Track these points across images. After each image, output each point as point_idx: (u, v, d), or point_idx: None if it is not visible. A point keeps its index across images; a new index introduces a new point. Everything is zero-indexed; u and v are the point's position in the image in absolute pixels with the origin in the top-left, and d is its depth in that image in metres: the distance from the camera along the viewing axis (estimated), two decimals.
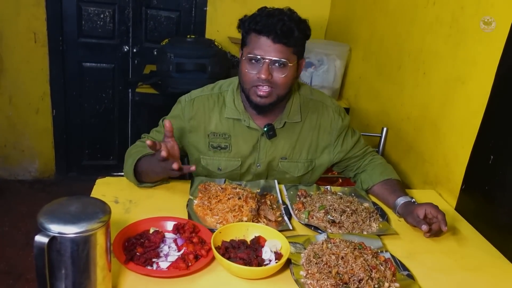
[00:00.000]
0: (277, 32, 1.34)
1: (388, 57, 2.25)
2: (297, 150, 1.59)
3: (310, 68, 2.72)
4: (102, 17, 3.14)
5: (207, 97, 1.56)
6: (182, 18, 3.22)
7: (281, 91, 1.43)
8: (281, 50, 1.37)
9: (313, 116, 1.59)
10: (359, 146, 1.67)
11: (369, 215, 1.43)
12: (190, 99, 1.56)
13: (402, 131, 2.06)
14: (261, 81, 1.39)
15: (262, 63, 1.38)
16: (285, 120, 1.55)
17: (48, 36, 3.05)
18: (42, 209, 0.86)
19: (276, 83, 1.40)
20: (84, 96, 3.30)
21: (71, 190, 3.26)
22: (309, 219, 1.40)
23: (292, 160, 1.60)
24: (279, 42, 1.36)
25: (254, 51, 1.38)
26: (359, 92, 2.62)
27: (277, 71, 1.39)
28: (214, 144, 1.56)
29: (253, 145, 1.57)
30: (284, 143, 1.58)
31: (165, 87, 2.50)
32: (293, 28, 1.35)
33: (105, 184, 1.49)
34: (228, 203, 1.35)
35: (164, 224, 1.25)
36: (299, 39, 1.40)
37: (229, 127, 1.55)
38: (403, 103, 2.07)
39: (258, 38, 1.38)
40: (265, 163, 1.59)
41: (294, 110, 1.56)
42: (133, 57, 3.28)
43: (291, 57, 1.39)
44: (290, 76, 1.42)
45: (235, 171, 1.60)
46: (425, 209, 1.38)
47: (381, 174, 1.60)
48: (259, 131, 1.55)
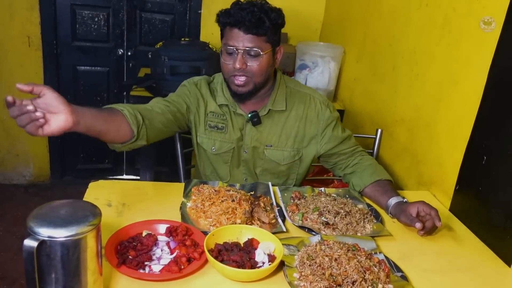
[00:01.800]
0: (246, 23, 1.43)
1: (382, 59, 2.25)
2: (283, 139, 1.64)
3: (305, 70, 2.72)
4: (96, 20, 3.14)
5: (207, 81, 1.66)
6: (176, 21, 3.22)
7: (257, 78, 1.50)
8: (252, 40, 1.45)
9: (300, 106, 1.63)
10: (348, 143, 1.69)
11: (363, 216, 1.42)
12: (194, 82, 1.65)
13: (396, 133, 2.06)
14: (237, 70, 1.48)
15: (236, 54, 1.47)
16: (269, 108, 1.61)
17: (42, 40, 3.03)
18: (32, 213, 0.86)
19: (251, 71, 1.48)
20: (79, 99, 3.28)
21: (66, 194, 3.24)
22: (303, 221, 1.40)
23: (277, 148, 1.65)
24: (250, 32, 1.44)
25: (228, 43, 1.48)
26: (353, 94, 2.62)
27: (251, 60, 1.47)
28: (212, 124, 1.63)
29: (240, 130, 1.63)
30: (269, 131, 1.63)
31: (160, 90, 2.50)
32: (262, 18, 1.44)
33: (98, 188, 1.48)
34: (222, 205, 1.35)
35: (157, 227, 1.25)
36: (271, 28, 1.46)
37: (225, 111, 1.63)
38: (397, 104, 2.08)
39: (231, 30, 1.47)
40: (251, 149, 1.64)
41: (279, 99, 1.61)
42: (128, 60, 3.27)
43: (263, 46, 1.47)
44: (264, 64, 1.49)
45: (227, 153, 1.66)
46: (418, 207, 1.40)
47: (371, 175, 1.60)
48: (244, 117, 1.61)
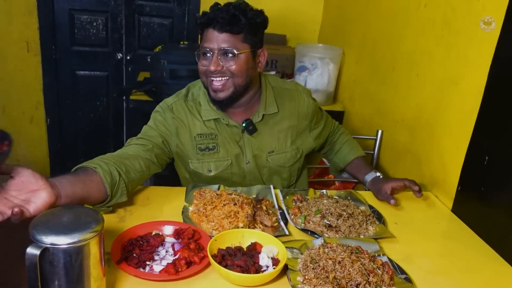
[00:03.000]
0: (219, 20, 1.36)
1: (382, 60, 2.25)
2: (282, 141, 1.62)
3: (304, 72, 2.72)
4: (94, 25, 3.14)
5: (183, 102, 1.55)
6: (175, 24, 3.22)
7: (238, 80, 1.43)
8: (227, 39, 1.39)
9: (291, 104, 1.62)
10: (331, 124, 1.79)
11: (365, 218, 1.42)
12: (168, 106, 1.54)
13: (397, 133, 2.06)
14: (213, 73, 1.41)
15: (211, 55, 1.40)
16: (262, 113, 1.57)
17: (40, 45, 3.04)
18: (34, 220, 0.85)
19: (229, 72, 1.42)
20: (78, 104, 3.29)
21: None
22: (306, 224, 1.40)
23: (279, 152, 1.62)
24: (224, 30, 1.38)
25: (203, 44, 1.42)
26: (353, 95, 2.62)
27: (226, 60, 1.41)
28: (202, 146, 1.55)
29: (237, 142, 1.57)
30: (267, 137, 1.60)
31: (159, 93, 2.49)
32: (237, 15, 1.38)
33: None
34: (224, 209, 1.34)
35: (166, 228, 1.25)
36: (248, 26, 1.40)
37: (214, 128, 1.55)
38: (397, 105, 2.07)
39: (206, 31, 1.41)
40: (253, 159, 1.60)
41: (269, 102, 1.58)
42: (127, 64, 3.27)
43: (239, 46, 1.41)
44: (242, 65, 1.42)
45: (226, 171, 1.59)
46: (392, 185, 1.54)
47: (347, 154, 1.76)
48: (239, 128, 1.56)
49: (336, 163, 1.81)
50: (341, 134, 1.82)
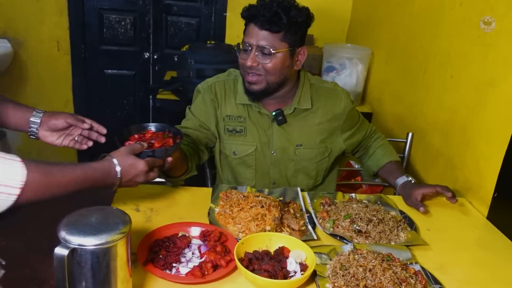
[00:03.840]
0: (260, 18, 1.38)
1: (413, 60, 2.19)
2: (312, 137, 1.61)
3: (332, 73, 2.67)
4: (123, 24, 3.17)
5: (223, 82, 1.61)
6: (202, 24, 3.22)
7: (270, 77, 1.46)
8: (266, 37, 1.41)
9: (327, 102, 1.60)
10: (366, 127, 1.74)
11: (396, 224, 1.37)
12: (208, 86, 1.60)
13: (429, 136, 1.99)
14: (249, 68, 1.44)
15: (250, 51, 1.43)
16: (295, 106, 1.57)
17: (70, 44, 3.08)
18: (63, 221, 0.85)
19: (264, 70, 1.44)
20: (106, 103, 3.32)
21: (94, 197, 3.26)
22: (334, 229, 1.36)
23: (307, 147, 1.62)
24: (263, 28, 1.40)
25: (244, 39, 1.45)
26: (382, 96, 2.56)
27: (263, 58, 1.43)
28: (230, 128, 1.59)
29: (265, 131, 1.59)
30: (297, 130, 1.60)
31: (186, 93, 2.49)
32: (279, 14, 1.37)
33: (125, 192, 1.47)
34: (251, 211, 1.32)
35: (193, 229, 1.24)
36: (288, 26, 1.40)
37: (244, 111, 1.58)
38: (429, 107, 2.01)
39: (249, 26, 1.44)
40: (280, 150, 1.61)
41: (304, 97, 1.58)
42: (154, 63, 3.29)
43: (277, 44, 1.41)
44: (277, 64, 1.43)
45: (250, 156, 1.62)
46: (423, 191, 1.50)
47: (381, 158, 1.71)
48: (269, 116, 1.57)
49: (369, 166, 1.77)
50: (376, 139, 1.77)
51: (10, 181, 0.80)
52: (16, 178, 0.81)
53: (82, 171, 0.98)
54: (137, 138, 1.33)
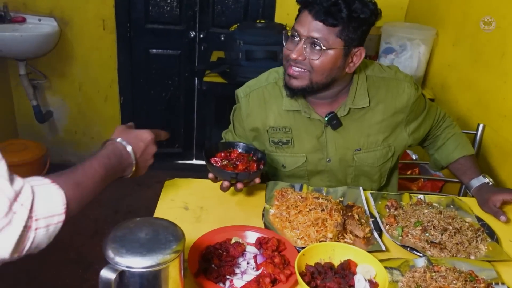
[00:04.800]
0: (316, 6, 1.18)
1: (487, 43, 1.95)
2: (372, 138, 1.41)
3: (391, 55, 2.46)
4: (169, 2, 3.05)
5: (262, 89, 1.43)
6: (250, 1, 3.05)
7: (316, 77, 1.26)
8: (319, 29, 1.20)
9: (388, 95, 1.38)
10: (434, 115, 1.54)
11: (475, 234, 1.21)
12: (245, 95, 1.44)
13: (504, 130, 1.78)
14: (293, 60, 1.25)
15: (298, 41, 1.24)
16: (349, 107, 1.36)
17: (116, 23, 3.00)
18: (109, 236, 0.75)
19: (310, 66, 1.25)
20: (151, 83, 3.25)
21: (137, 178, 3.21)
22: (403, 237, 1.21)
23: (368, 150, 1.42)
24: (319, 18, 1.19)
25: (295, 26, 1.25)
26: (447, 81, 2.33)
27: (311, 52, 1.23)
28: (275, 140, 1.43)
29: (318, 138, 1.41)
30: (354, 133, 1.40)
31: (234, 76, 2.36)
32: (339, 5, 1.17)
33: (173, 187, 1.38)
34: (310, 215, 1.19)
35: (248, 234, 1.14)
36: (348, 21, 1.19)
37: (289, 120, 1.40)
38: (505, 97, 1.79)
39: (302, 12, 1.24)
40: (337, 157, 1.43)
41: (360, 94, 1.37)
42: (200, 43, 3.16)
43: (332, 40, 1.21)
44: (327, 62, 1.23)
45: (301, 168, 1.45)
46: (503, 197, 1.32)
47: (452, 152, 1.52)
48: (322, 122, 1.38)
49: (437, 160, 1.57)
50: (446, 127, 1.56)
51: (54, 209, 0.71)
52: (58, 203, 0.72)
53: (99, 164, 0.88)
54: (223, 156, 1.30)
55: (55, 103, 3.18)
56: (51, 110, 3.19)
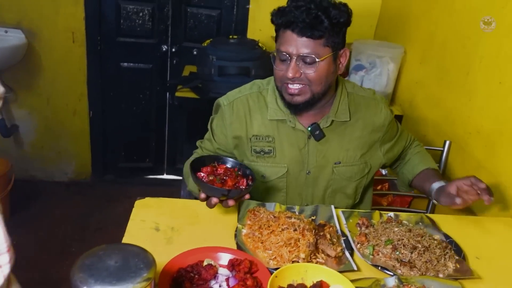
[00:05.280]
0: (299, 24, 1.22)
1: (453, 62, 2.02)
2: (351, 152, 1.44)
3: (361, 72, 2.51)
4: (141, 15, 3.03)
5: (246, 97, 1.44)
6: (223, 16, 3.06)
7: (315, 87, 1.30)
8: (307, 44, 1.24)
9: (366, 113, 1.44)
10: (405, 138, 1.60)
11: (443, 252, 1.23)
12: (229, 103, 1.44)
13: (470, 146, 1.83)
14: (290, 79, 1.28)
15: (289, 61, 1.27)
16: (332, 119, 1.40)
17: (86, 36, 2.95)
18: (77, 263, 0.72)
19: (308, 80, 1.29)
20: (121, 97, 3.20)
21: (107, 193, 3.18)
22: (374, 256, 1.22)
23: (347, 164, 1.45)
24: (304, 35, 1.24)
25: (280, 47, 1.28)
26: (415, 98, 2.39)
27: (305, 67, 1.27)
28: (257, 149, 1.43)
29: (300, 149, 1.42)
30: (335, 145, 1.43)
31: (206, 91, 2.36)
32: (319, 17, 1.22)
33: (144, 207, 1.36)
34: (282, 235, 1.19)
35: (220, 256, 1.12)
36: (330, 29, 1.24)
37: (273, 130, 1.42)
38: (471, 114, 1.85)
39: (284, 32, 1.27)
40: (317, 169, 1.44)
41: (342, 108, 1.41)
42: (172, 57, 3.15)
43: (321, 51, 1.25)
44: (323, 72, 1.28)
45: (281, 179, 1.45)
46: (456, 183, 1.33)
47: (417, 164, 1.56)
48: (305, 133, 1.40)
49: (404, 175, 1.59)
50: (415, 147, 1.63)
51: None
52: None
53: None
54: (209, 171, 1.26)
55: (21, 117, 3.08)
56: (16, 124, 3.09)
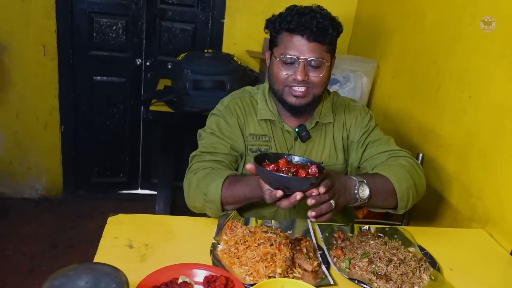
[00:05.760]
0: (312, 30, 1.29)
1: (425, 77, 2.06)
2: (333, 152, 1.50)
3: (336, 86, 2.54)
4: (114, 29, 3.00)
5: (239, 99, 1.50)
6: (198, 30, 3.07)
7: (317, 90, 1.37)
8: (316, 49, 1.32)
9: (348, 116, 1.52)
10: (384, 146, 1.49)
11: (418, 264, 1.24)
12: (225, 106, 1.48)
13: (442, 159, 1.87)
14: (297, 82, 1.34)
15: (297, 64, 1.33)
16: (316, 120, 1.47)
17: (58, 49, 2.90)
18: (46, 284, 0.69)
19: (312, 83, 1.35)
20: (94, 111, 3.15)
21: (79, 209, 3.10)
22: (351, 269, 1.22)
23: (330, 164, 1.48)
24: (314, 40, 1.31)
25: (287, 51, 1.33)
26: (388, 112, 2.43)
27: (313, 71, 1.34)
28: (254, 148, 1.46)
29: (288, 150, 1.47)
30: (319, 146, 1.48)
31: (181, 105, 2.34)
32: (327, 26, 1.31)
33: (117, 223, 1.32)
34: (259, 250, 1.17)
35: (195, 273, 1.09)
36: (333, 37, 1.35)
37: (268, 129, 1.46)
38: (442, 128, 1.89)
39: (291, 37, 1.33)
40: None
41: (325, 111, 1.49)
42: (146, 70, 3.12)
43: (326, 56, 1.34)
44: (326, 76, 1.37)
45: None
46: None
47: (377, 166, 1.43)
48: (292, 134, 1.46)
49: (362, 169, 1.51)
50: (396, 159, 1.46)
51: None
52: None
53: None
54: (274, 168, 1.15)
55: None
56: None
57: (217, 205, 1.29)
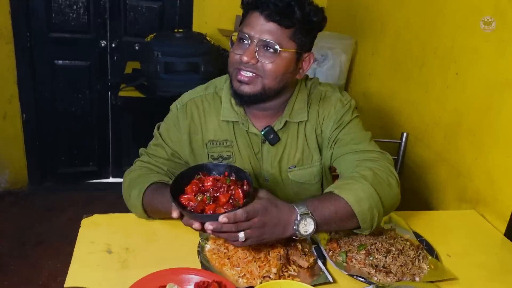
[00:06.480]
0: (270, 6, 1.13)
1: (407, 53, 2.00)
2: (307, 153, 1.32)
3: (313, 64, 2.44)
4: (74, 8, 2.79)
5: (201, 99, 1.32)
6: (165, 8, 2.90)
7: (269, 81, 1.18)
8: (273, 30, 1.14)
9: (315, 109, 1.30)
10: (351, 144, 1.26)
11: (416, 253, 1.19)
12: (182, 105, 1.32)
13: (428, 138, 1.82)
14: (244, 64, 1.16)
15: (249, 43, 1.16)
16: (286, 119, 1.28)
17: (13, 32, 2.68)
18: None
19: (262, 70, 1.17)
20: (58, 98, 2.96)
21: (47, 202, 2.93)
22: (348, 263, 1.15)
23: (303, 167, 1.33)
24: (272, 19, 1.14)
25: (243, 28, 1.17)
26: (369, 90, 2.37)
27: (264, 56, 1.16)
28: (215, 155, 1.31)
29: (255, 154, 1.31)
30: (291, 149, 1.31)
31: (153, 89, 2.20)
32: (292, 6, 1.13)
33: (92, 225, 1.21)
34: (251, 248, 1.09)
35: (184, 278, 1.00)
36: (302, 23, 1.15)
37: (230, 133, 1.30)
38: (428, 106, 1.83)
39: (251, 14, 1.17)
40: (273, 176, 1.33)
41: (298, 108, 1.29)
42: (112, 53, 2.95)
43: (285, 42, 1.15)
44: (281, 66, 1.17)
45: None
46: None
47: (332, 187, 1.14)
48: (259, 137, 1.29)
49: None
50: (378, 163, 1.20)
51: None
52: None
53: None
54: (195, 190, 1.02)
55: None
56: None
57: (139, 212, 1.22)
